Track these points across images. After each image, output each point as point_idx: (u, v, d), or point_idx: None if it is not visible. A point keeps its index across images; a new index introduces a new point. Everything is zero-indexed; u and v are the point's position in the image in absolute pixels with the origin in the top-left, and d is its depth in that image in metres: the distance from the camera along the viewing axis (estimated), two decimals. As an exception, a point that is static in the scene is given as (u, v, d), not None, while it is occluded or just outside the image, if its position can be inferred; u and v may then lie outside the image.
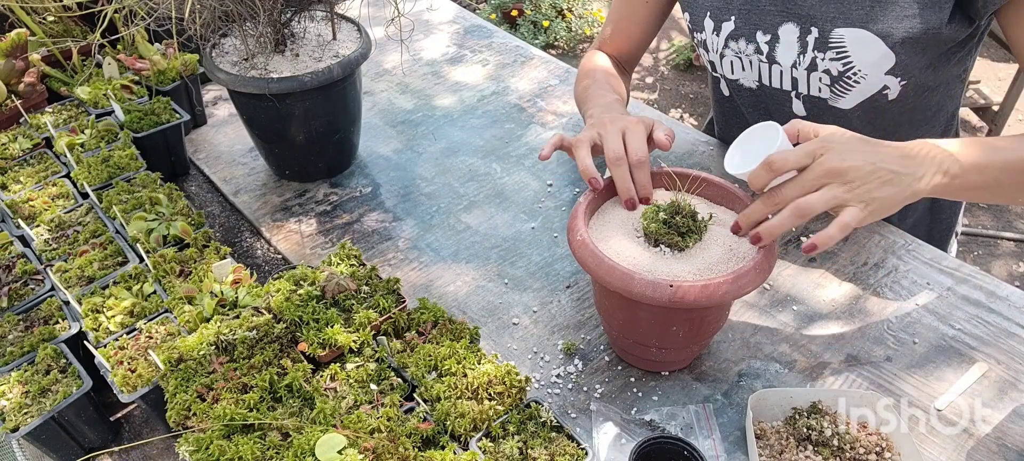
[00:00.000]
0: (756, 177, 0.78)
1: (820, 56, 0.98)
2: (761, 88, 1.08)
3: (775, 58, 1.03)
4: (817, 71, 1.00)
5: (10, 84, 1.28)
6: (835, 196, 0.75)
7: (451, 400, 0.77)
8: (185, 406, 0.78)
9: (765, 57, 1.04)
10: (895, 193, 0.77)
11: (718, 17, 1.06)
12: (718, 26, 1.06)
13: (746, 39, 1.04)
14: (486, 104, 1.45)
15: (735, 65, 1.08)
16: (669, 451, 0.74)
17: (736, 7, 1.04)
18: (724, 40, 1.06)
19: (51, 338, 0.89)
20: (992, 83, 3.52)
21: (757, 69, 1.06)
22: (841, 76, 0.99)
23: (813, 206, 0.75)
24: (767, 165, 0.77)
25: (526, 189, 1.23)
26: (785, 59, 1.02)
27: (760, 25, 1.02)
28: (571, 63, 1.57)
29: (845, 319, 0.97)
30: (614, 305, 0.85)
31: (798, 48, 1.00)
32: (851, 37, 0.95)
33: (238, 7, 1.05)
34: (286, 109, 1.12)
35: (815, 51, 0.98)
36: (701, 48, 1.12)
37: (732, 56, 1.07)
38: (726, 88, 1.15)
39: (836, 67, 0.98)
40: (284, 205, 1.20)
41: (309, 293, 0.90)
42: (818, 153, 0.76)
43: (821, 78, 1.00)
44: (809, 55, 0.99)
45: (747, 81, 1.09)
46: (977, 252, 2.80)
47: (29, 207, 1.08)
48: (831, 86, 1.00)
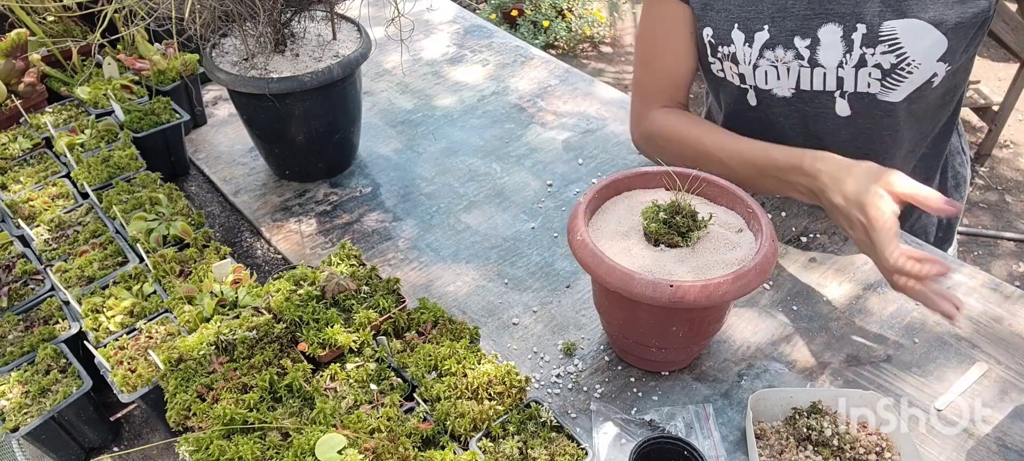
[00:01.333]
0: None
1: (869, 51, 0.96)
2: (798, 94, 1.04)
3: (817, 61, 0.99)
4: (866, 67, 0.97)
5: (10, 84, 1.28)
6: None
7: (451, 400, 0.77)
8: (185, 406, 0.78)
9: (807, 61, 1.00)
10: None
11: (749, 28, 1.01)
12: (750, 37, 1.01)
13: (783, 46, 1.00)
14: (486, 104, 1.45)
15: (770, 75, 1.03)
16: (669, 451, 0.74)
17: (768, 15, 0.99)
18: (758, 51, 1.01)
19: (51, 338, 0.89)
20: (992, 83, 3.52)
21: (796, 75, 1.02)
22: (893, 69, 0.96)
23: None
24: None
25: (526, 189, 1.23)
26: (829, 60, 0.99)
27: (797, 30, 0.98)
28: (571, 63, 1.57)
29: (845, 319, 0.97)
30: (614, 305, 0.85)
31: (843, 47, 0.97)
32: (903, 28, 0.93)
33: (238, 7, 1.05)
34: (286, 109, 1.12)
35: (863, 47, 0.96)
36: (726, 62, 1.05)
37: (767, 66, 1.02)
38: (754, 98, 1.08)
39: (888, 60, 0.96)
40: (284, 205, 1.20)
41: (309, 293, 0.90)
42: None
43: (871, 73, 0.98)
44: (857, 52, 0.96)
45: (781, 90, 1.04)
46: (977, 252, 2.80)
47: (29, 207, 1.08)
48: (882, 80, 0.98)
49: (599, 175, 1.26)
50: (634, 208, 0.87)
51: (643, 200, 0.88)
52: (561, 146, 1.33)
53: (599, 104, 1.45)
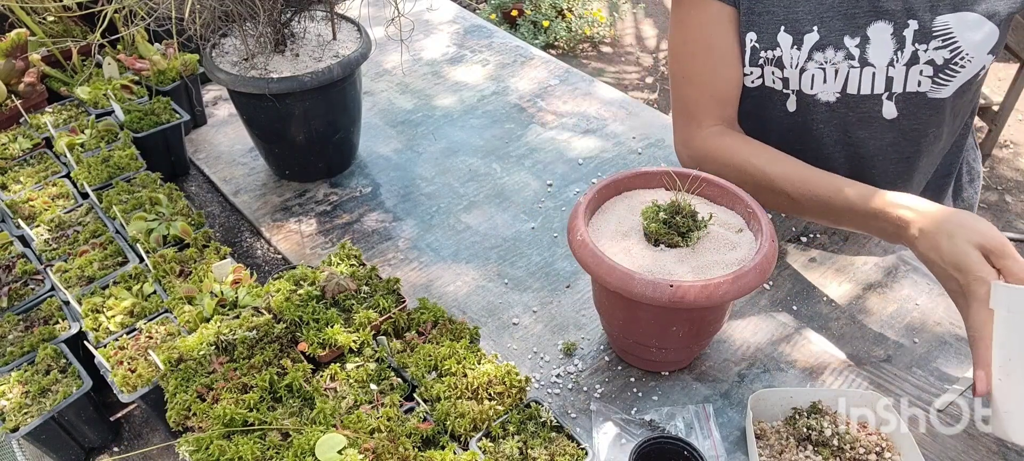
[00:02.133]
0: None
1: (922, 48, 0.95)
2: (843, 99, 1.00)
3: (867, 60, 0.96)
4: (918, 64, 0.96)
5: (10, 84, 1.28)
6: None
7: (451, 400, 0.77)
8: (185, 406, 0.78)
9: (857, 61, 0.96)
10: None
11: (797, 30, 0.96)
12: (798, 39, 0.97)
13: (834, 47, 0.96)
14: (486, 104, 1.45)
15: (817, 78, 0.98)
16: (669, 451, 0.74)
17: (818, 16, 0.96)
18: (807, 53, 0.97)
19: (51, 338, 0.89)
20: (992, 83, 3.52)
21: (844, 77, 0.98)
22: (947, 64, 0.95)
23: None
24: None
25: (526, 189, 1.23)
26: (879, 59, 0.96)
27: (846, 29, 0.95)
28: (571, 63, 1.57)
29: (845, 319, 0.97)
30: (614, 305, 0.85)
31: (894, 44, 0.95)
32: (957, 21, 0.93)
33: (238, 7, 1.05)
34: (286, 109, 1.12)
35: (916, 44, 0.95)
36: (771, 67, 0.99)
37: (815, 68, 0.98)
38: (794, 104, 1.03)
39: (941, 55, 0.95)
40: (284, 205, 1.20)
41: (309, 293, 0.90)
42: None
43: (922, 70, 0.96)
44: (908, 49, 0.95)
45: (826, 94, 1.00)
46: (977, 252, 2.80)
47: (29, 207, 1.08)
48: (933, 76, 0.97)
49: (599, 175, 1.26)
50: (634, 208, 0.87)
51: (643, 200, 0.88)
52: (561, 146, 1.33)
53: (599, 104, 1.45)
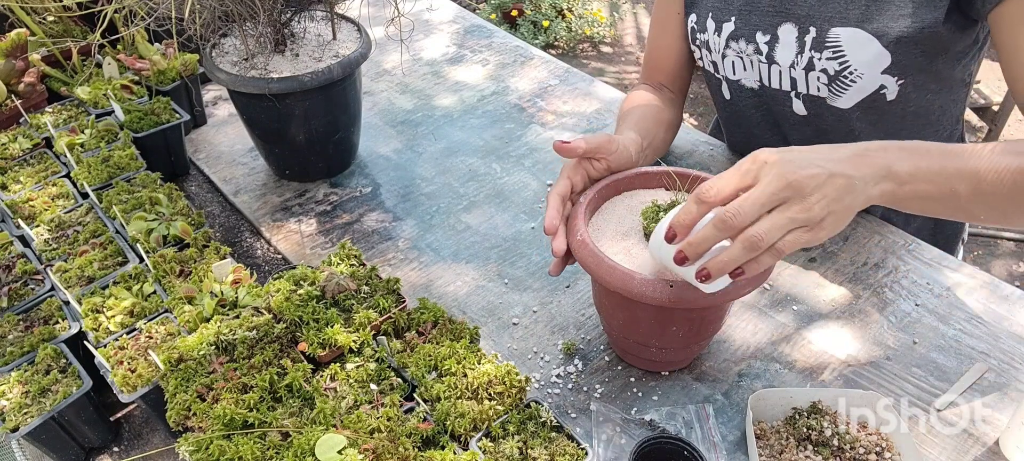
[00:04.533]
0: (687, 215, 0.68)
1: (817, 56, 0.99)
2: (762, 88, 1.08)
3: (774, 58, 1.03)
4: (815, 70, 1.00)
5: (10, 84, 1.28)
6: (793, 219, 0.66)
7: (451, 400, 0.77)
8: (185, 406, 0.78)
9: (764, 57, 1.04)
10: (852, 202, 0.69)
11: (719, 18, 1.07)
12: (719, 27, 1.07)
13: (746, 39, 1.04)
14: (486, 104, 1.45)
15: (736, 65, 1.09)
16: (669, 451, 0.74)
17: (736, 8, 1.05)
18: (725, 41, 1.07)
19: (51, 338, 0.89)
20: (992, 83, 3.52)
21: (757, 69, 1.06)
22: (838, 75, 0.99)
23: (769, 238, 0.65)
24: (697, 198, 0.68)
25: (526, 189, 1.23)
26: (784, 59, 1.02)
27: (759, 26, 1.03)
28: (571, 63, 1.57)
29: (845, 319, 0.97)
30: (614, 305, 0.85)
31: (796, 48, 1.00)
32: (846, 36, 0.96)
33: (238, 7, 1.05)
34: (286, 109, 1.12)
35: (812, 51, 0.99)
36: (704, 49, 1.11)
37: (733, 56, 1.08)
38: (727, 91, 1.15)
39: (833, 66, 0.98)
40: (284, 205, 1.20)
41: (309, 293, 0.90)
42: (762, 161, 0.68)
43: (819, 77, 1.01)
44: (807, 54, 1.00)
45: (748, 81, 1.09)
46: (977, 252, 2.80)
47: (29, 207, 1.08)
48: (829, 85, 1.01)
49: (599, 175, 1.26)
50: (634, 208, 0.87)
51: (643, 200, 0.88)
52: (561, 146, 1.33)
53: (599, 104, 1.45)
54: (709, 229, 0.67)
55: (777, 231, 0.66)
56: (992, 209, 0.78)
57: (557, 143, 0.84)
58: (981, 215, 0.79)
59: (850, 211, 0.69)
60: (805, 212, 0.66)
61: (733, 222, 0.66)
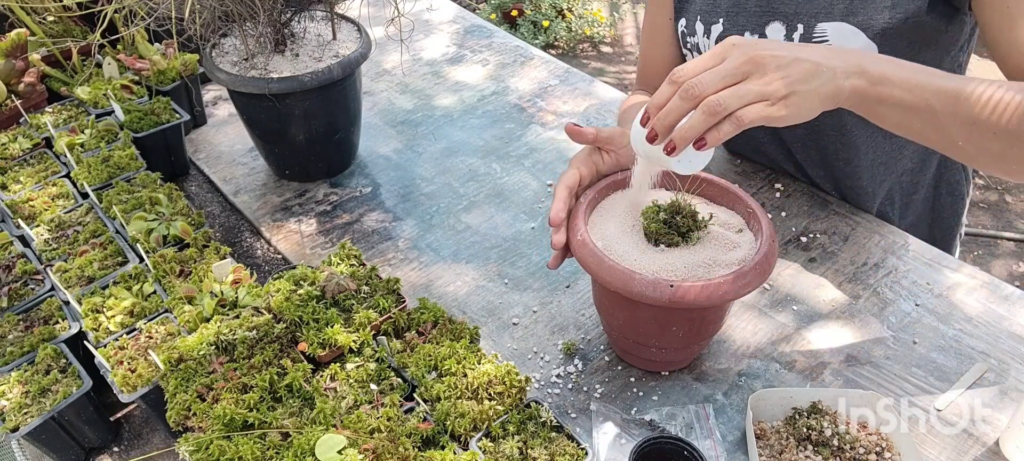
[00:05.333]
0: (660, 96, 0.72)
1: None
2: None
3: None
4: None
5: (10, 84, 1.28)
6: (752, 90, 0.68)
7: (451, 400, 0.77)
8: (185, 406, 0.78)
9: None
10: (818, 87, 0.71)
11: (707, 21, 1.07)
12: (708, 29, 1.07)
13: None
14: (486, 104, 1.45)
15: None
16: (669, 451, 0.74)
17: (723, 10, 1.05)
18: (714, 42, 1.07)
19: (51, 338, 0.89)
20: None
21: None
22: None
23: (727, 103, 0.68)
24: (669, 79, 0.71)
25: (526, 189, 1.23)
26: None
27: (747, 26, 1.03)
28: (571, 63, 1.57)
29: (845, 319, 0.97)
30: (614, 305, 0.85)
31: None
32: (833, 31, 0.96)
33: (238, 7, 1.05)
34: (286, 109, 1.12)
35: None
36: (694, 53, 1.11)
37: None
38: None
39: None
40: (284, 205, 1.20)
41: (309, 293, 0.90)
42: (731, 43, 0.71)
43: None
44: None
45: None
46: (977, 252, 2.80)
47: (29, 207, 1.08)
48: None
49: (599, 175, 1.26)
50: (634, 208, 0.87)
51: (643, 200, 0.88)
52: (561, 146, 1.33)
53: (599, 104, 1.45)
54: (675, 101, 0.71)
55: (736, 100, 0.69)
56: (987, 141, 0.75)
57: (570, 126, 0.86)
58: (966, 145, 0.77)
59: (817, 96, 0.71)
60: (765, 85, 0.69)
61: (695, 91, 0.69)
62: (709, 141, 0.70)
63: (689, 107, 0.70)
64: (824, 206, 1.14)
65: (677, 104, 0.70)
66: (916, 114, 0.75)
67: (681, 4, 1.11)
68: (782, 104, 0.69)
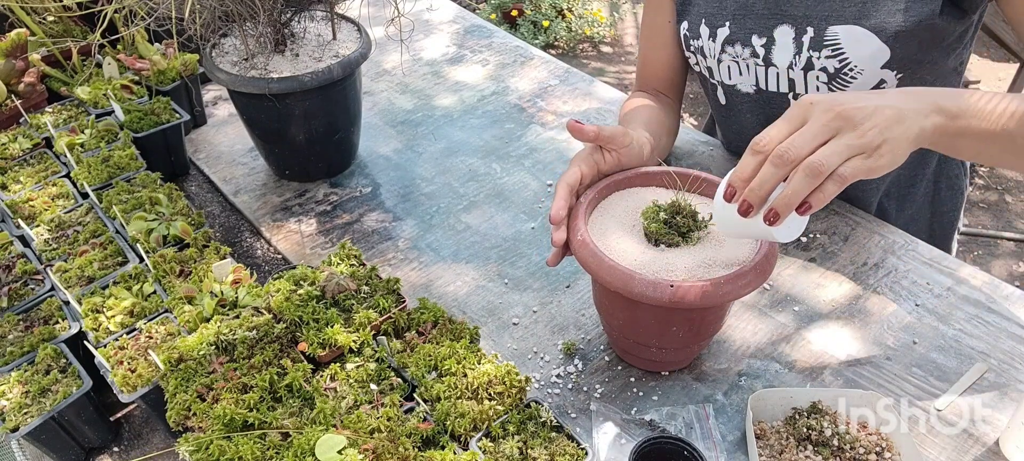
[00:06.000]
0: (745, 168, 0.70)
1: (815, 55, 0.99)
2: (759, 93, 1.08)
3: (771, 61, 1.03)
4: (814, 70, 1.00)
5: (10, 84, 1.28)
6: (850, 145, 0.66)
7: (451, 400, 0.77)
8: (185, 406, 0.78)
9: (762, 60, 1.04)
10: (905, 131, 0.69)
11: (713, 23, 1.06)
12: (714, 32, 1.06)
13: (742, 43, 1.04)
14: (486, 104, 1.45)
15: (732, 70, 1.08)
16: (669, 451, 0.74)
17: (730, 13, 1.04)
18: (721, 46, 1.07)
19: (51, 338, 0.89)
20: (992, 83, 3.52)
21: (754, 73, 1.06)
22: (838, 73, 0.99)
23: (829, 162, 0.65)
24: (752, 149, 0.69)
25: (526, 189, 1.23)
26: (781, 61, 1.02)
27: (755, 29, 1.03)
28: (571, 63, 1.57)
29: (845, 319, 0.97)
30: (614, 305, 0.85)
31: (794, 49, 1.00)
32: (845, 34, 0.96)
33: (238, 7, 1.05)
34: (286, 109, 1.12)
35: (811, 50, 0.99)
36: (698, 55, 1.11)
37: (729, 61, 1.07)
38: (723, 95, 1.14)
39: (832, 64, 0.98)
40: (284, 205, 1.20)
41: (309, 293, 0.90)
42: (808, 102, 0.69)
43: (818, 76, 1.01)
44: (805, 55, 1.00)
45: (745, 86, 1.09)
46: (977, 252, 2.80)
47: (29, 207, 1.08)
48: (829, 84, 1.01)
49: (599, 175, 1.26)
50: (634, 208, 0.87)
51: (643, 199, 0.88)
52: (561, 146, 1.33)
53: (599, 104, 1.45)
54: (767, 169, 0.68)
55: (836, 157, 0.66)
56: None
57: (571, 123, 0.84)
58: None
59: (905, 140, 0.69)
60: (860, 138, 0.67)
61: (789, 155, 0.67)
62: (814, 204, 0.68)
63: (784, 174, 0.68)
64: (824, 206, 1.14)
65: (770, 172, 0.68)
66: (994, 141, 0.75)
67: (683, 7, 1.10)
68: (878, 154, 0.67)
